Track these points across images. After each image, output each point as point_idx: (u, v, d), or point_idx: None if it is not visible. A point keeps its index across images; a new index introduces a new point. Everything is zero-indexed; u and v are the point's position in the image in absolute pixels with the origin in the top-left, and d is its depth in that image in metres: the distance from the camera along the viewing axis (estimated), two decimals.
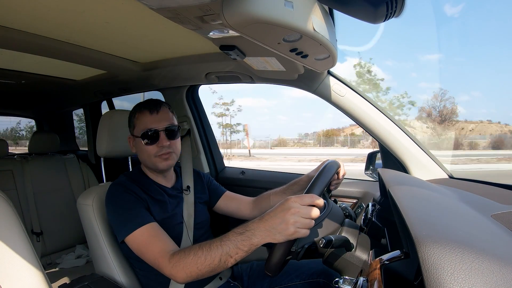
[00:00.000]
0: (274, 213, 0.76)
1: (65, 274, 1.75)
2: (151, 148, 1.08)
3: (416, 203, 0.66)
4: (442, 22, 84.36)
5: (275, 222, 0.75)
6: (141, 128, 1.09)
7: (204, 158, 1.94)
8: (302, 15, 0.67)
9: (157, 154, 1.09)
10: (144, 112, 1.10)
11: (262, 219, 0.78)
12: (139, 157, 1.16)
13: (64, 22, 0.98)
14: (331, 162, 1.01)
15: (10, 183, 1.98)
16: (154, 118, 1.09)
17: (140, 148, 1.11)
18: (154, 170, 1.16)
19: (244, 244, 0.78)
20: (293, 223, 0.73)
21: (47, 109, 2.99)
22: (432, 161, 1.29)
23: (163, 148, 1.08)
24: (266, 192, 1.30)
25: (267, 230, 0.76)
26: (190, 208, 1.19)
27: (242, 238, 0.78)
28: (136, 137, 1.11)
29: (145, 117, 1.09)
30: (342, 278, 0.75)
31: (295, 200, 0.76)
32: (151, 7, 0.62)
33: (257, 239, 0.77)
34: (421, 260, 0.38)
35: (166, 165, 1.11)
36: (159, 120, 1.09)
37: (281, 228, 0.74)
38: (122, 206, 1.02)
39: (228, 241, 0.80)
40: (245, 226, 0.80)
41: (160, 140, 1.08)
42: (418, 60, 79.01)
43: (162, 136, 1.08)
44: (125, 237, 0.97)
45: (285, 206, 0.76)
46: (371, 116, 1.27)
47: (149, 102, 1.13)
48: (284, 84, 1.43)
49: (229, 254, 0.79)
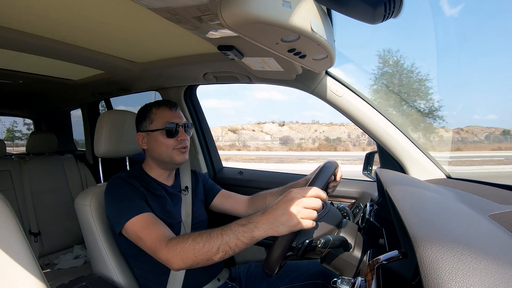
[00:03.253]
0: (277, 205, 0.77)
1: (63, 274, 1.74)
2: (172, 141, 1.13)
3: (414, 203, 0.66)
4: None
5: (278, 213, 0.75)
6: (162, 121, 1.13)
7: (202, 158, 1.93)
8: (300, 16, 0.67)
9: (175, 147, 1.13)
10: (163, 107, 1.16)
11: (265, 212, 0.78)
12: (152, 152, 1.16)
13: (61, 21, 0.97)
14: (330, 162, 1.02)
15: (8, 183, 1.97)
16: (174, 113, 1.16)
17: (158, 141, 1.13)
18: (166, 166, 1.18)
19: (245, 236, 0.77)
20: (296, 213, 0.73)
21: (45, 109, 2.98)
22: (429, 161, 1.29)
23: (182, 141, 1.14)
24: (262, 192, 1.30)
25: (270, 223, 0.75)
26: (188, 208, 1.20)
27: (244, 229, 0.78)
28: (153, 131, 1.14)
29: (165, 112, 1.15)
30: (340, 278, 0.74)
31: (297, 191, 0.77)
32: (148, 7, 0.61)
33: (259, 232, 0.76)
34: (419, 260, 0.38)
35: (183, 158, 1.16)
36: (179, 116, 1.17)
37: (284, 220, 0.74)
38: (120, 197, 1.03)
39: (229, 231, 0.79)
40: (248, 219, 0.79)
41: (180, 134, 1.14)
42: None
43: (181, 131, 1.15)
44: (123, 225, 0.97)
45: (287, 198, 0.76)
46: (368, 116, 1.28)
47: (166, 100, 1.19)
48: (282, 84, 1.43)
49: (228, 244, 0.78)
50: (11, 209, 0.78)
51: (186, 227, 1.15)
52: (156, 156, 1.16)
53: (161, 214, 1.05)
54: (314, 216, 0.74)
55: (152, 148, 1.15)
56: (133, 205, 0.99)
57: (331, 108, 1.33)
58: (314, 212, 0.75)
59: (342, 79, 1.29)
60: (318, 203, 0.75)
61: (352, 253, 0.85)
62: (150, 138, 1.15)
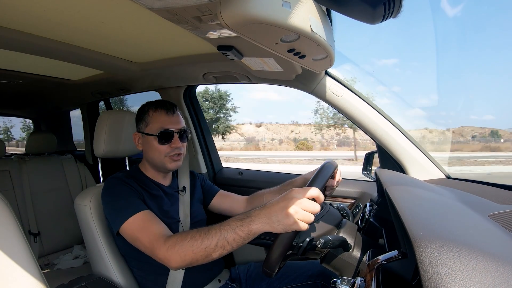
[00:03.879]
0: (277, 202, 0.77)
1: (62, 274, 1.74)
2: (164, 147, 1.10)
3: (413, 203, 0.66)
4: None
5: (276, 210, 0.75)
6: (157, 126, 1.10)
7: (201, 159, 1.93)
8: (300, 16, 0.67)
9: (168, 154, 1.11)
10: (160, 111, 1.12)
11: (264, 207, 0.78)
12: (146, 154, 1.16)
13: (61, 22, 0.97)
14: (330, 162, 1.02)
15: (7, 183, 1.97)
16: (170, 119, 1.12)
17: (151, 146, 1.12)
18: (159, 169, 1.17)
19: (242, 230, 0.77)
20: (293, 213, 0.73)
21: (45, 109, 2.98)
22: (429, 161, 1.29)
23: (175, 149, 1.11)
24: (260, 191, 1.30)
25: (267, 217, 0.75)
26: (187, 208, 1.20)
27: (241, 223, 0.78)
28: (148, 135, 1.12)
29: (161, 116, 1.11)
30: (340, 278, 0.74)
31: (298, 191, 0.76)
32: (148, 8, 0.61)
33: (256, 226, 0.76)
34: (419, 260, 0.38)
35: (175, 165, 1.13)
36: (176, 122, 1.12)
37: (281, 217, 0.74)
38: (117, 196, 1.02)
39: (227, 226, 0.79)
40: (246, 213, 0.80)
41: (174, 141, 1.11)
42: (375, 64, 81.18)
43: (176, 138, 1.11)
44: (120, 225, 0.96)
45: (288, 196, 0.76)
46: (368, 117, 1.28)
47: (165, 102, 1.15)
48: (281, 84, 1.43)
49: (226, 239, 0.78)
50: (10, 210, 0.77)
51: (184, 227, 1.15)
52: (149, 159, 1.16)
53: (158, 214, 1.05)
54: (311, 219, 0.74)
55: (146, 151, 1.15)
56: (129, 204, 0.99)
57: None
58: (311, 216, 0.75)
59: (342, 79, 1.29)
60: (316, 207, 0.75)
61: (351, 253, 0.85)
62: (144, 140, 1.14)
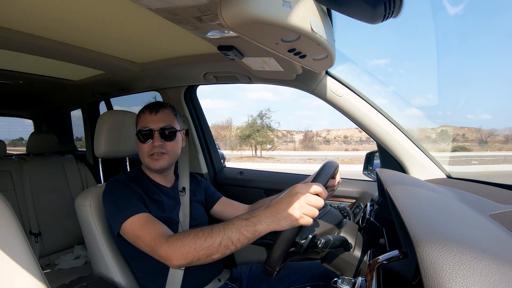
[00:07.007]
0: (281, 199, 0.77)
1: (63, 275, 1.74)
2: (145, 146, 1.12)
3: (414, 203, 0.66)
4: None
5: (281, 207, 0.75)
6: (140, 126, 1.13)
7: (202, 158, 1.93)
8: (300, 16, 0.67)
9: (149, 153, 1.12)
10: (145, 111, 1.15)
11: (269, 206, 0.78)
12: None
13: (61, 22, 0.97)
14: (330, 161, 1.02)
15: (8, 183, 1.97)
16: (152, 118, 1.12)
17: (137, 146, 1.15)
18: (151, 170, 1.18)
19: (248, 230, 0.76)
20: (299, 207, 0.73)
21: (45, 109, 2.98)
22: (430, 161, 1.29)
23: (154, 147, 1.11)
24: (262, 200, 1.30)
25: (272, 216, 0.75)
26: (186, 209, 1.20)
27: (247, 223, 0.77)
28: (136, 135, 1.15)
29: (145, 116, 1.14)
30: (341, 278, 0.74)
31: (302, 186, 0.76)
32: (148, 8, 0.61)
33: (262, 226, 0.76)
34: (420, 259, 0.38)
35: (157, 165, 1.13)
36: (157, 121, 1.12)
37: (286, 213, 0.73)
38: (118, 198, 1.02)
39: (232, 225, 0.78)
40: (251, 213, 0.79)
41: (154, 140, 1.11)
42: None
43: (155, 136, 1.11)
44: (121, 225, 0.96)
45: (292, 192, 0.76)
46: (369, 116, 1.28)
47: (153, 103, 1.17)
48: (282, 84, 1.43)
49: (230, 239, 0.77)
50: (11, 210, 0.78)
51: (184, 229, 1.15)
52: (141, 161, 1.18)
53: (158, 218, 1.05)
54: (315, 214, 0.74)
55: (138, 152, 1.18)
56: (130, 206, 0.99)
57: (327, 108, 1.32)
58: (316, 210, 0.74)
59: (343, 79, 1.29)
60: (320, 202, 0.75)
61: (352, 253, 0.85)
62: (136, 141, 1.17)
